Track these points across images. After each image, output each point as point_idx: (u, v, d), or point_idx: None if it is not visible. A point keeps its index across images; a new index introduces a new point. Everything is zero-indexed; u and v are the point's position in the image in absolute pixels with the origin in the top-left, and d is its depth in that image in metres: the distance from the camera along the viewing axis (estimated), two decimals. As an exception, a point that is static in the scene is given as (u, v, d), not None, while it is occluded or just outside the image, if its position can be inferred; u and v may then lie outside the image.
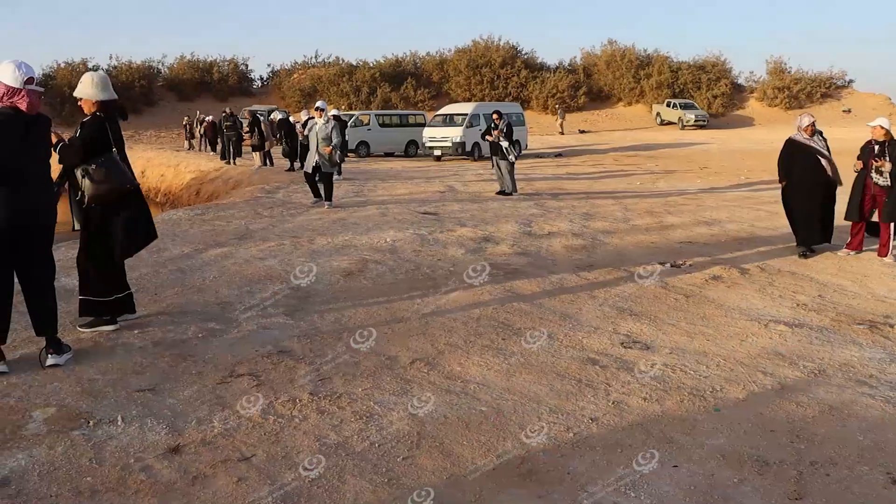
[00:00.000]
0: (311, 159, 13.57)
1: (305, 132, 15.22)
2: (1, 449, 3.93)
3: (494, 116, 16.02)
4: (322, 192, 13.70)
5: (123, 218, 5.65)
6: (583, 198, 15.80)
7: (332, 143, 13.20)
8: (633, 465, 3.83)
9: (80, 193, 5.56)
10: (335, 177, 14.82)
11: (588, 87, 57.77)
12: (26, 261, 5.07)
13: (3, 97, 4.94)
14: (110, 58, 52.95)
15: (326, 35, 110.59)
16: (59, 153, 5.54)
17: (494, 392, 4.76)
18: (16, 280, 5.07)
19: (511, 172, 15.83)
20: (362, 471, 3.74)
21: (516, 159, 16.08)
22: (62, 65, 51.26)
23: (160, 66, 54.46)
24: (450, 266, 8.33)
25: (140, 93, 49.38)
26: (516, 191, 15.90)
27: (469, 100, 49.20)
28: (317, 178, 13.75)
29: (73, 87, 5.98)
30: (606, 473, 3.75)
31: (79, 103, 5.72)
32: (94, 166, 5.47)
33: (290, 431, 4.16)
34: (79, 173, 5.50)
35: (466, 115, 29.71)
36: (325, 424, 4.25)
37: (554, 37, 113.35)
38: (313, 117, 14.16)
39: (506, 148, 15.46)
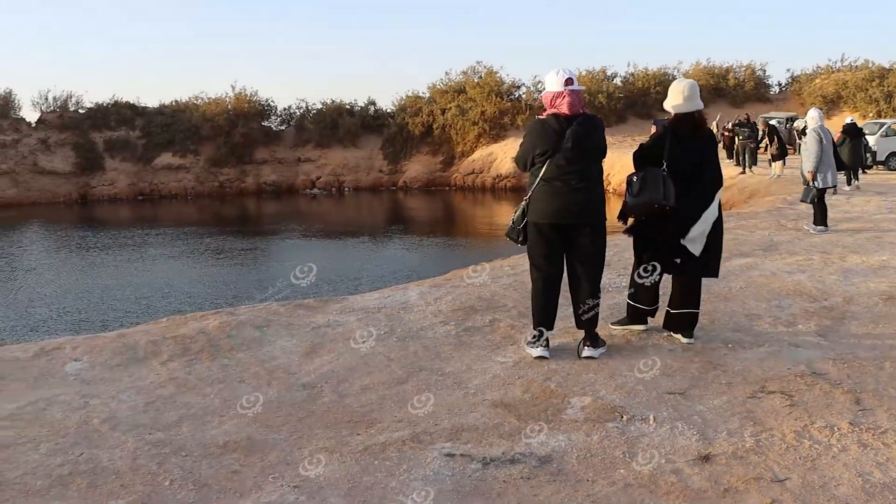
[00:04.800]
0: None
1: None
2: (545, 429, 4.21)
3: None
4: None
5: (669, 234, 5.63)
6: None
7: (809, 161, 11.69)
8: None
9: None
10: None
11: None
12: (573, 257, 5.39)
13: (550, 103, 5.31)
14: (628, 65, 54.60)
15: (855, 36, 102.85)
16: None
17: None
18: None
19: None
20: (916, 518, 3.35)
21: None
22: (583, 72, 54.22)
23: (675, 73, 54.97)
24: None
25: (655, 99, 50.35)
26: None
27: None
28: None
29: (593, 94, 6.13)
30: None
31: None
32: (634, 179, 5.61)
33: (828, 460, 3.86)
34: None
35: None
36: (868, 460, 3.87)
37: None
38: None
39: None
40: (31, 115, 47.26)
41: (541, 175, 5.28)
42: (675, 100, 5.63)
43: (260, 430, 4.27)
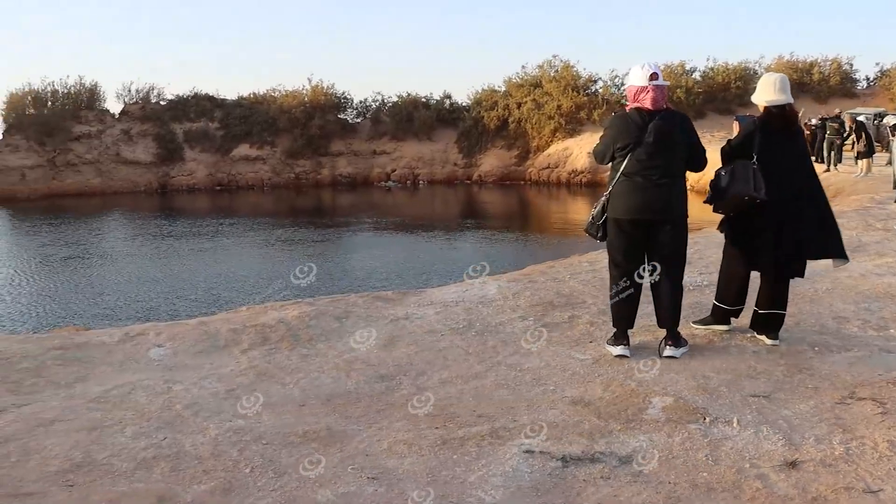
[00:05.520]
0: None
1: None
2: (625, 428, 4.14)
3: None
4: None
5: (759, 231, 5.47)
6: None
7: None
8: None
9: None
10: None
11: None
12: (654, 254, 5.30)
13: (633, 97, 5.23)
14: (707, 59, 53.26)
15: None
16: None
17: None
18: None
19: None
20: None
21: None
22: (661, 66, 52.93)
23: (756, 67, 53.66)
24: None
25: (735, 94, 49.33)
26: None
27: None
28: None
29: (671, 89, 5.95)
30: None
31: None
32: (723, 172, 5.48)
33: (924, 472, 3.72)
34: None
35: None
36: (968, 471, 3.72)
37: None
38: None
39: None
40: (114, 106, 48.70)
41: (621, 170, 5.21)
42: (767, 93, 5.49)
43: (339, 421, 4.29)
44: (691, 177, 6.04)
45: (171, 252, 22.25)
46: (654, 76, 5.17)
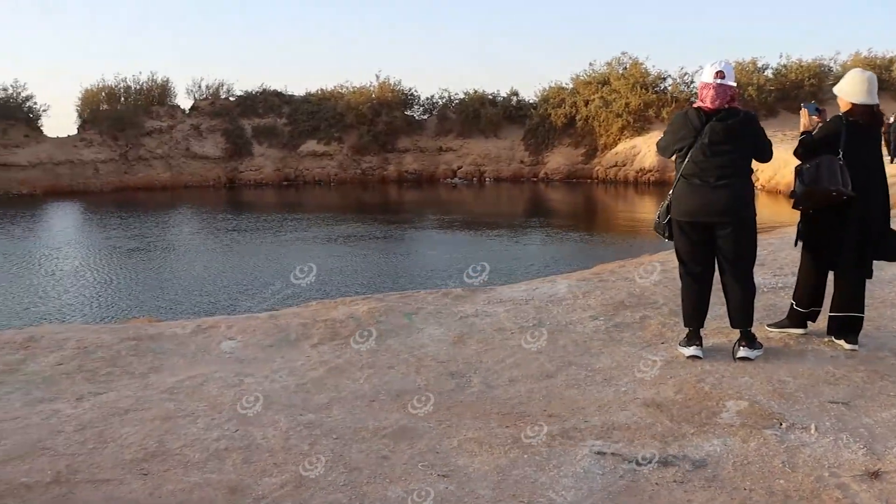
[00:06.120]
0: None
1: None
2: (699, 432, 4.07)
3: None
4: None
5: (841, 229, 5.33)
6: None
7: None
8: None
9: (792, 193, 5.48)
10: None
11: None
12: (721, 255, 5.20)
13: (699, 95, 5.17)
14: (780, 56, 51.97)
15: None
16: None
17: None
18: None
19: None
20: None
21: None
22: (732, 63, 52.00)
23: (832, 65, 52.36)
24: None
25: (809, 91, 48.23)
26: None
27: None
28: None
29: (742, 87, 5.84)
30: None
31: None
32: (807, 166, 5.35)
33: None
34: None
35: None
36: None
37: None
38: None
39: None
40: (185, 102, 49.69)
41: (681, 171, 5.17)
42: (857, 93, 5.33)
43: (409, 418, 4.29)
44: (762, 177, 5.92)
45: (234, 246, 22.53)
46: (719, 74, 5.09)
